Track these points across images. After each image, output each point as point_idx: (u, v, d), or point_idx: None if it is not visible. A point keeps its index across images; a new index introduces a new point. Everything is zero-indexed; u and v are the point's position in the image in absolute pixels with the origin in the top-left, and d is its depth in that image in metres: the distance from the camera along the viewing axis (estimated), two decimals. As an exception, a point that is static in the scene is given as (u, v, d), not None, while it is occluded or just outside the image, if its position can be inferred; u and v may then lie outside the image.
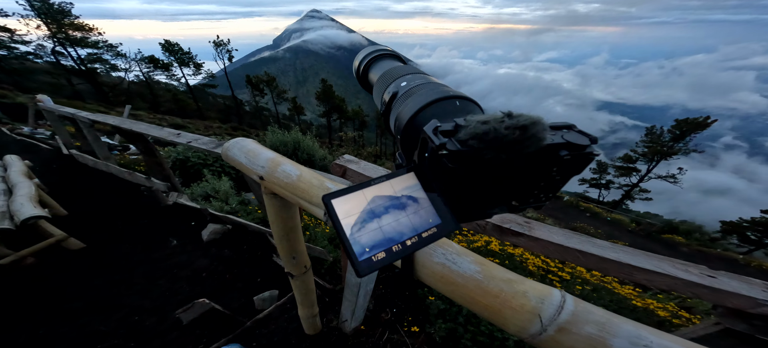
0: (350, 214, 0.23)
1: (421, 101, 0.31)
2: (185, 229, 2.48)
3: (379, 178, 0.26)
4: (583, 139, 0.23)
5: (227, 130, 20.77)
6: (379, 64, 0.49)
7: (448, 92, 0.31)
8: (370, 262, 0.22)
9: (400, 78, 0.39)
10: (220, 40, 32.80)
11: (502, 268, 0.42)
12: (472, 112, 0.29)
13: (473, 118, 0.22)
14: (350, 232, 0.22)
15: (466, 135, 0.22)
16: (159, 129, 2.22)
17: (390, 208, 0.24)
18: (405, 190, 0.26)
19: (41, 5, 23.18)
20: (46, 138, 5.19)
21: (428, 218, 0.25)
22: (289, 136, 5.75)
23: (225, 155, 0.85)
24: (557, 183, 0.26)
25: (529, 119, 0.21)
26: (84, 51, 25.95)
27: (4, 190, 2.16)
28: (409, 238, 0.23)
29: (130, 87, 30.42)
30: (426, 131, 0.23)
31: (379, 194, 0.25)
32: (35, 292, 1.82)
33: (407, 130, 0.31)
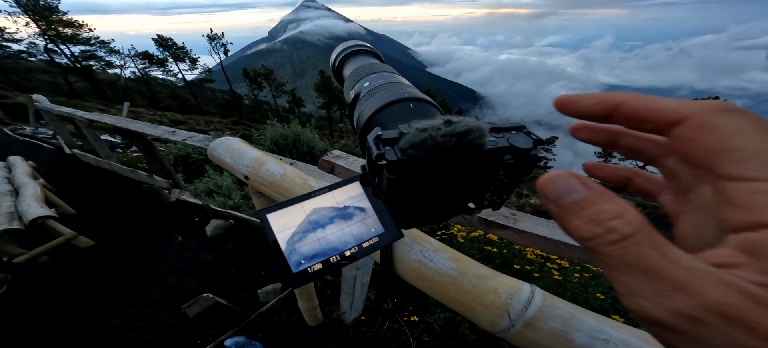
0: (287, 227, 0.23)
1: (376, 104, 0.30)
2: (189, 225, 2.54)
3: (321, 189, 0.26)
4: (528, 142, 0.23)
5: (228, 124, 20.71)
6: (353, 60, 0.48)
7: (403, 94, 0.30)
8: (306, 273, 0.22)
9: (365, 78, 0.38)
10: (214, 34, 32.21)
11: (477, 264, 0.43)
12: (427, 115, 0.30)
13: (414, 124, 0.22)
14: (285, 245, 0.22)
15: (405, 143, 0.21)
16: (154, 127, 2.23)
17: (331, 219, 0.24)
18: (348, 201, 0.25)
19: (27, 1, 22.73)
20: (49, 137, 5.23)
21: (371, 228, 0.25)
22: (288, 130, 5.73)
23: (211, 155, 0.85)
24: (507, 185, 0.26)
25: (466, 126, 0.21)
26: (77, 48, 25.64)
27: (10, 191, 2.21)
28: (349, 249, 0.23)
29: (128, 84, 30.23)
30: (368, 140, 0.23)
31: (319, 206, 0.25)
32: (51, 289, 1.90)
33: (363, 133, 0.31)
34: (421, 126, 0.22)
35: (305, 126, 6.23)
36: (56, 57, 25.35)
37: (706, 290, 0.11)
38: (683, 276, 0.12)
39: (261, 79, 36.82)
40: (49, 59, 25.14)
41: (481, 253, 2.34)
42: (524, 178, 0.26)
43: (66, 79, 25.29)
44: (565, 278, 2.21)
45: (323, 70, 39.06)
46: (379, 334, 1.59)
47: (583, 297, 1.98)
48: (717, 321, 0.11)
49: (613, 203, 0.14)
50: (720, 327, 0.11)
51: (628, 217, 0.14)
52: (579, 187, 0.15)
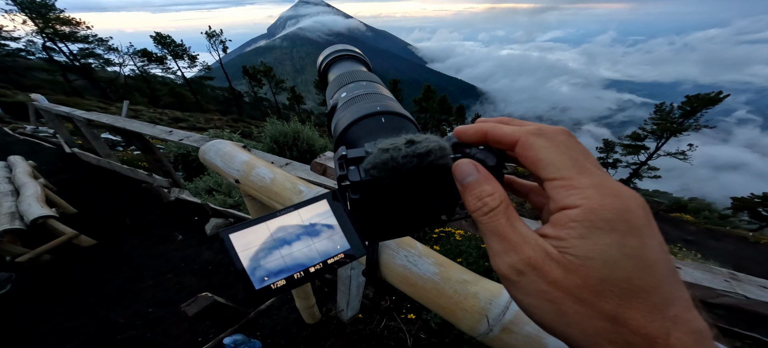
0: (250, 246, 0.23)
1: (349, 118, 0.30)
2: (189, 224, 2.56)
3: (286, 209, 0.26)
4: (490, 159, 0.23)
5: (228, 121, 20.69)
6: (338, 65, 0.47)
7: (375, 108, 0.30)
8: (269, 289, 0.22)
9: (343, 87, 0.37)
10: (213, 31, 31.99)
11: (460, 269, 0.44)
12: (400, 128, 0.30)
13: (379, 144, 0.22)
14: (248, 263, 0.23)
15: (368, 164, 0.22)
16: (151, 127, 2.24)
17: (297, 236, 0.25)
18: (314, 218, 0.26)
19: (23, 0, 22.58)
20: (49, 136, 5.25)
21: (337, 244, 0.25)
22: (288, 127, 5.72)
23: (202, 158, 0.85)
24: None
25: (427, 147, 0.21)
26: (76, 46, 25.54)
27: (11, 190, 2.23)
28: (314, 265, 0.24)
29: (127, 82, 30.16)
30: (334, 159, 0.23)
31: (283, 225, 0.25)
32: (54, 287, 1.94)
33: (337, 146, 0.30)
34: (384, 146, 0.22)
35: (305, 123, 6.23)
36: (55, 55, 25.29)
37: (527, 250, 0.17)
38: (518, 240, 0.18)
39: (260, 76, 36.66)
40: (48, 57, 25.09)
41: (478, 251, 2.35)
42: None
43: (65, 77, 25.27)
44: None
45: (323, 67, 38.64)
46: (376, 332, 1.62)
47: None
48: (529, 271, 0.17)
49: (490, 185, 0.20)
50: (531, 276, 0.17)
51: (496, 194, 0.19)
52: (473, 171, 0.21)
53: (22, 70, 23.38)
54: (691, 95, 21.90)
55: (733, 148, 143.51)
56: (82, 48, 25.85)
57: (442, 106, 32.66)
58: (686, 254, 6.76)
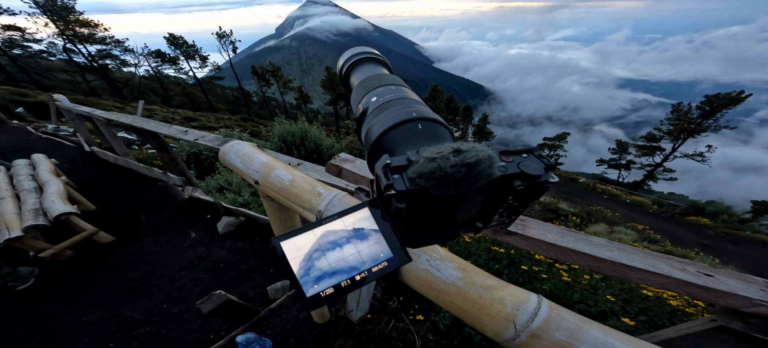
0: (299, 253, 0.24)
1: (385, 124, 0.30)
2: (202, 222, 2.62)
3: (331, 216, 0.26)
4: (538, 168, 0.22)
5: (237, 121, 21.08)
6: (360, 68, 0.47)
7: (412, 113, 0.30)
8: (318, 297, 0.23)
9: (373, 91, 0.37)
10: (223, 32, 32.56)
11: (484, 274, 0.43)
12: (436, 135, 0.29)
13: (424, 153, 0.22)
14: (299, 271, 0.23)
15: (414, 173, 0.21)
16: (167, 126, 2.30)
17: (339, 245, 0.25)
18: (357, 226, 0.26)
19: (45, 2, 23.54)
20: (69, 135, 5.47)
21: (379, 253, 0.25)
22: (296, 127, 5.79)
23: (222, 159, 0.86)
24: (517, 208, 0.25)
25: (476, 156, 0.21)
26: (94, 47, 26.47)
27: (35, 187, 2.33)
28: (359, 274, 0.24)
29: (142, 82, 31.12)
30: (377, 169, 0.23)
31: (329, 231, 0.25)
32: (74, 282, 2.00)
33: (372, 152, 0.31)
34: (430, 155, 0.21)
35: (312, 123, 6.29)
36: (74, 56, 26.28)
37: None
38: None
39: (269, 76, 37.21)
40: (68, 58, 26.11)
41: (488, 253, 2.31)
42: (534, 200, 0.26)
43: (84, 78, 26.26)
44: (574, 280, 2.17)
45: (330, 67, 39.12)
46: (384, 333, 1.62)
47: (593, 298, 1.94)
48: None
49: None
50: None
51: None
52: None
53: (43, 71, 24.43)
54: (710, 94, 21.01)
55: (755, 149, 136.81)
56: (100, 49, 26.78)
57: (448, 106, 32.36)
58: (704, 259, 6.50)
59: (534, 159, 0.23)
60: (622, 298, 2.12)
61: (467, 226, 0.28)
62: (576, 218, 8.26)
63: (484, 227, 0.28)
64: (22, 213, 2.02)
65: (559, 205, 8.83)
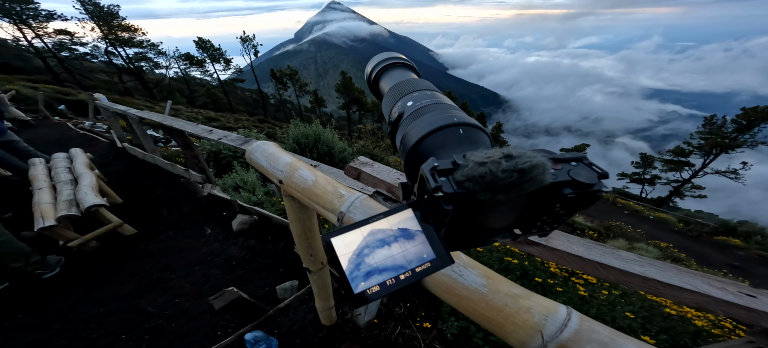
0: (348, 250, 0.25)
1: (425, 128, 0.30)
2: (218, 219, 2.71)
3: (376, 215, 0.27)
4: (591, 176, 0.22)
5: (254, 122, 21.92)
6: (390, 73, 0.48)
7: (452, 118, 0.30)
8: (365, 295, 0.23)
9: (408, 96, 0.38)
10: (247, 36, 34.26)
11: (509, 283, 0.42)
12: (477, 140, 0.29)
13: (472, 157, 0.22)
14: (347, 267, 0.24)
15: (463, 176, 0.21)
16: (194, 126, 2.42)
17: (386, 243, 0.26)
18: (401, 225, 0.27)
19: (93, 8, 25.84)
20: (103, 131, 5.89)
21: (423, 253, 0.26)
22: (310, 129, 5.93)
23: (248, 158, 0.90)
24: (562, 216, 0.25)
25: (529, 162, 0.20)
26: (132, 50, 28.68)
27: (70, 180, 2.51)
28: (403, 273, 0.25)
29: (171, 83, 33.21)
30: (423, 171, 0.23)
31: (375, 230, 0.26)
32: (96, 272, 2.11)
33: (411, 156, 0.31)
34: (480, 159, 0.21)
35: (325, 126, 6.42)
36: (114, 58, 28.59)
37: None
38: None
39: (286, 79, 38.61)
40: (108, 60, 28.42)
41: (500, 264, 2.25)
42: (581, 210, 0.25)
43: (120, 79, 28.44)
44: (591, 294, 2.09)
45: (345, 72, 40.05)
46: (390, 339, 1.59)
47: (610, 314, 1.89)
48: None
49: None
50: None
51: None
52: None
53: (86, 72, 26.70)
54: (748, 107, 19.45)
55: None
56: (137, 52, 28.99)
57: (462, 113, 31.92)
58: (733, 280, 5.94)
59: (585, 167, 0.23)
60: (642, 316, 2.02)
61: (504, 232, 0.28)
62: (593, 233, 7.87)
63: (523, 235, 0.28)
64: (57, 203, 2.17)
65: (576, 219, 8.45)
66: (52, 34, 24.83)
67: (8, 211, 2.63)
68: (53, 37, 24.98)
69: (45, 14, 24.05)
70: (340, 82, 37.50)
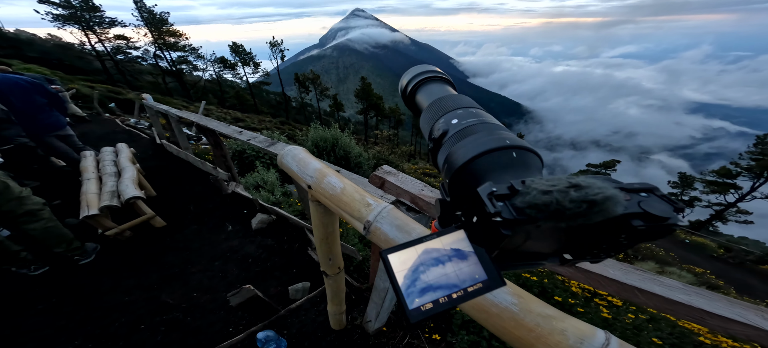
0: (403, 266, 0.26)
1: (475, 150, 0.30)
2: (239, 216, 2.84)
3: (430, 235, 0.28)
4: (665, 209, 0.20)
5: (276, 124, 22.97)
6: (427, 88, 0.47)
7: (504, 140, 0.30)
8: (419, 311, 0.24)
9: (451, 113, 0.37)
10: (275, 41, 36.28)
11: (541, 303, 0.41)
12: (529, 164, 0.29)
13: (533, 184, 0.22)
14: (403, 283, 0.25)
15: (524, 203, 0.21)
16: (226, 126, 2.58)
17: (440, 262, 0.27)
18: (453, 246, 0.27)
19: (148, 15, 28.80)
20: (145, 128, 6.48)
21: (474, 274, 0.26)
22: (328, 133, 6.09)
23: (280, 162, 0.93)
24: (623, 246, 0.24)
25: (602, 193, 0.20)
26: (175, 54, 31.52)
27: (115, 172, 2.77)
28: (456, 292, 0.25)
29: (205, 85, 35.89)
30: (480, 194, 0.23)
31: (429, 249, 0.27)
32: (125, 261, 2.23)
33: (458, 177, 0.31)
34: (543, 187, 0.21)
35: (343, 130, 6.57)
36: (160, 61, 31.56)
37: None
38: None
39: (309, 83, 40.19)
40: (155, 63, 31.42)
41: (517, 280, 2.16)
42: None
43: (164, 80, 31.26)
44: (615, 317, 1.98)
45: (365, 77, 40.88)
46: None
47: (635, 339, 1.80)
48: None
49: None
50: None
51: None
52: None
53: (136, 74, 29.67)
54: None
55: None
56: (180, 56, 31.79)
57: (481, 122, 31.12)
58: None
59: (657, 199, 0.22)
60: (671, 343, 1.88)
61: (553, 257, 0.28)
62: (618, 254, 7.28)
63: (573, 260, 0.27)
64: (102, 194, 2.39)
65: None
66: (112, 39, 28.07)
67: (57, 199, 2.84)
68: (112, 42, 28.22)
69: (108, 21, 27.29)
70: (359, 88, 38.29)
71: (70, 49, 26.71)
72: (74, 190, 2.53)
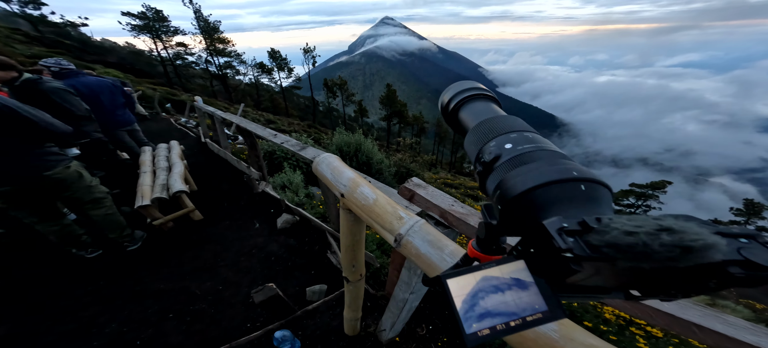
0: (462, 291, 0.27)
1: (536, 179, 0.28)
2: (266, 215, 2.99)
3: (488, 263, 0.29)
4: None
5: (303, 127, 24.14)
6: (472, 106, 0.45)
7: (571, 171, 0.28)
8: (476, 336, 0.25)
9: (503, 136, 0.35)
10: (309, 48, 38.51)
11: (584, 332, 0.39)
12: (600, 199, 0.27)
13: (613, 223, 0.20)
14: (461, 307, 0.26)
15: (602, 242, 0.20)
16: (263, 128, 2.79)
17: (499, 290, 0.27)
18: (513, 275, 0.27)
19: (204, 24, 32.45)
20: (193, 127, 7.23)
21: (534, 304, 0.26)
22: (352, 138, 6.23)
23: (315, 168, 0.97)
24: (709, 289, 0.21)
25: (702, 240, 0.18)
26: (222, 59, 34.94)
27: (167, 167, 3.12)
28: (513, 320, 0.25)
29: (244, 88, 39.19)
30: (548, 229, 0.22)
31: (488, 276, 0.28)
32: (165, 251, 2.40)
33: (513, 205, 0.29)
34: (627, 228, 0.20)
35: (367, 136, 6.69)
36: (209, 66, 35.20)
37: None
38: None
39: (336, 88, 41.82)
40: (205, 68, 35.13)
41: None
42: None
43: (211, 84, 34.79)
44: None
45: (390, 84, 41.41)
46: (410, 360, 1.52)
47: None
48: None
49: None
50: None
51: None
52: None
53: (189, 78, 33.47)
54: None
55: None
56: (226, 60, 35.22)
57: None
58: None
59: (760, 247, 0.20)
60: None
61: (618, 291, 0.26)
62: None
63: (642, 297, 0.25)
64: (154, 186, 2.70)
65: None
66: (174, 46, 32.11)
67: (117, 188, 3.12)
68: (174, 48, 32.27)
69: (172, 30, 31.27)
70: (384, 94, 38.83)
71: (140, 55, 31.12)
72: (131, 181, 2.86)
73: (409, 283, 1.14)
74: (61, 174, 1.85)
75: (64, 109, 2.26)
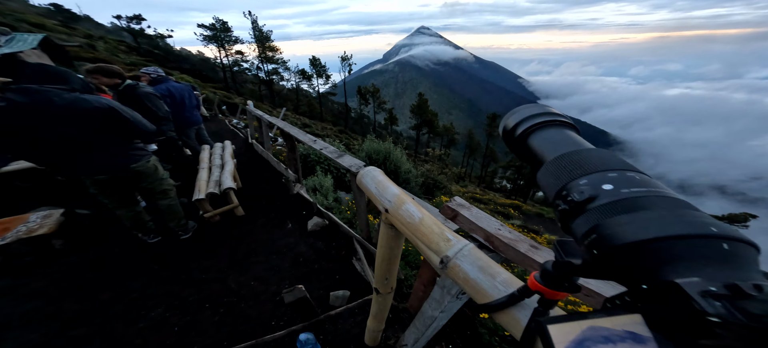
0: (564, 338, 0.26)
1: (657, 230, 0.24)
2: (298, 217, 3.13)
3: (596, 311, 0.27)
4: None
5: (335, 132, 25.23)
6: (547, 134, 0.40)
7: (708, 227, 0.24)
8: None
9: (598, 174, 0.31)
10: (346, 56, 40.54)
11: None
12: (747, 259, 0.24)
13: None
14: None
15: (763, 311, 0.18)
16: (303, 134, 2.96)
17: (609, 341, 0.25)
18: (627, 328, 0.25)
19: (258, 34, 36.39)
20: (242, 128, 8.08)
21: None
22: (382, 146, 6.33)
23: (359, 181, 0.98)
24: None
25: None
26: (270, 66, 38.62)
27: (220, 165, 3.51)
28: None
29: (287, 93, 42.66)
30: (688, 291, 0.21)
31: (596, 326, 0.26)
32: (209, 243, 2.61)
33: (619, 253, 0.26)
34: None
35: (396, 144, 6.73)
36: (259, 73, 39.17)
37: None
38: None
39: (369, 96, 43.11)
40: (256, 74, 39.18)
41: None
42: None
43: (259, 88, 38.63)
44: None
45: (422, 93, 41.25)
46: (428, 377, 1.46)
47: None
48: None
49: None
50: None
51: None
52: None
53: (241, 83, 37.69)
54: None
55: None
56: (273, 67, 38.88)
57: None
58: None
59: None
60: None
61: None
62: None
63: None
64: (209, 181, 3.04)
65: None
66: (233, 54, 36.55)
67: (179, 181, 3.35)
68: (233, 56, 36.74)
69: (234, 39, 35.49)
70: (415, 103, 38.80)
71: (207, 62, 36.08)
72: (190, 175, 3.25)
73: (441, 302, 1.11)
74: (143, 167, 2.17)
75: (151, 110, 2.63)
